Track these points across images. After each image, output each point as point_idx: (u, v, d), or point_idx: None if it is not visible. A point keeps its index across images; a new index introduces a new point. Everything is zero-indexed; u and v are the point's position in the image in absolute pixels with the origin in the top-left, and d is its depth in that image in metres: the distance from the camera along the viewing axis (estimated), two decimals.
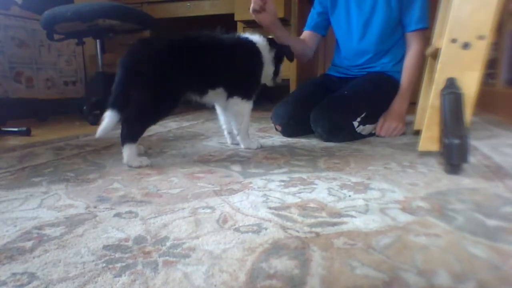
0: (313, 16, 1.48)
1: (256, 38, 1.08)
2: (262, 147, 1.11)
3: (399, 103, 1.32)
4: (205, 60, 0.97)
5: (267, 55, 1.09)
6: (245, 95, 1.06)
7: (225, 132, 1.19)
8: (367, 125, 1.26)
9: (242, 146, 1.12)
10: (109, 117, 0.87)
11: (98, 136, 0.87)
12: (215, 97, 1.05)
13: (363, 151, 1.05)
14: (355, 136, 1.24)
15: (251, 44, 1.06)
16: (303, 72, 2.50)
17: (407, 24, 1.32)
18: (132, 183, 0.76)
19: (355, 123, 1.21)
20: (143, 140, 1.26)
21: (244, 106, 1.07)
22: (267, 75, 1.11)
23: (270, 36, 1.15)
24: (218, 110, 1.16)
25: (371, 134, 1.30)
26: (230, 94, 1.05)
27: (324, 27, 1.50)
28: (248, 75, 1.06)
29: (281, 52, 1.13)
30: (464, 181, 0.73)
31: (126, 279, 0.39)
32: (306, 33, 1.50)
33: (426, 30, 1.31)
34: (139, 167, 0.89)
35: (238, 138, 1.12)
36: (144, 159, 0.91)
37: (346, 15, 1.39)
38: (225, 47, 1.01)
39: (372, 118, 1.27)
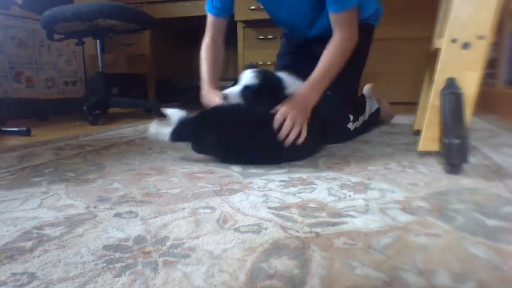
0: None
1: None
2: None
3: (307, 91, 0.97)
4: None
5: None
6: None
7: None
8: (360, 118, 1.28)
9: None
10: None
11: None
12: None
13: (363, 151, 1.05)
14: (354, 134, 1.25)
15: None
16: None
17: (327, 3, 1.00)
18: (132, 183, 0.76)
19: (350, 124, 1.22)
20: (144, 141, 1.26)
21: None
22: None
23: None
24: None
25: (364, 125, 1.31)
26: None
27: (228, 10, 1.20)
28: None
29: None
30: (464, 181, 0.73)
31: (126, 279, 0.39)
32: (213, 21, 1.19)
33: (355, 11, 1.00)
34: None
35: None
36: None
37: None
38: None
39: (358, 108, 1.29)
